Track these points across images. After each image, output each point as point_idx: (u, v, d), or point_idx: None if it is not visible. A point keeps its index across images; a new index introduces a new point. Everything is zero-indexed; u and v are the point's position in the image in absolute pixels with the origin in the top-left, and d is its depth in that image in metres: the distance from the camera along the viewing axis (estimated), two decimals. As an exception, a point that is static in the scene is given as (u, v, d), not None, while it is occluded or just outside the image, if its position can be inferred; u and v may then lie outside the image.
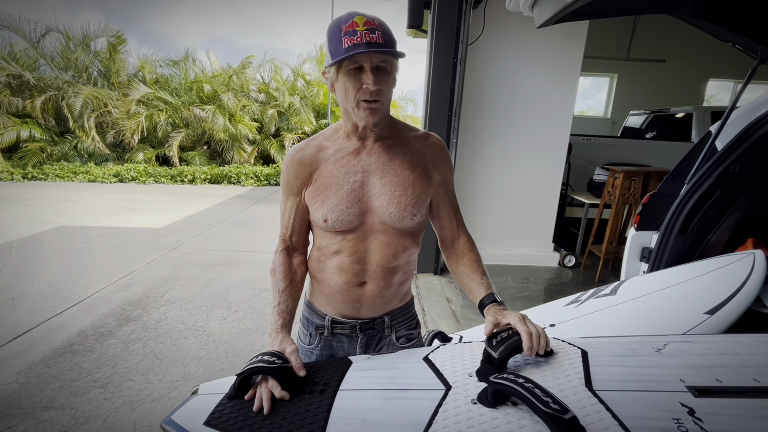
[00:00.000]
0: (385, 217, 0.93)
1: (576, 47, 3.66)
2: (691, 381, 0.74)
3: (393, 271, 0.98)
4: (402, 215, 0.93)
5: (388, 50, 0.81)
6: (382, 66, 0.84)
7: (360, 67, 0.83)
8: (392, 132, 0.97)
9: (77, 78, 10.31)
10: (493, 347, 0.82)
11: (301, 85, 12.15)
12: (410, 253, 0.99)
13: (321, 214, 0.93)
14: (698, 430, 0.63)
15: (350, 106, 0.87)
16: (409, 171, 0.94)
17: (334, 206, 0.92)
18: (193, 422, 0.77)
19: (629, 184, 3.47)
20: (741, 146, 1.44)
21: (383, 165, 0.94)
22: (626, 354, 0.86)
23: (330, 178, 0.93)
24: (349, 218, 0.92)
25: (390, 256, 0.95)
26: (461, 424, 0.70)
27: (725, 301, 1.23)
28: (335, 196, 0.92)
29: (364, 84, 0.83)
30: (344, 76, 0.84)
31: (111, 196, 7.59)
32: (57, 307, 2.94)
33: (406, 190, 0.93)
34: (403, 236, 0.96)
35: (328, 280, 0.99)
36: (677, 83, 7.52)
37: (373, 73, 0.82)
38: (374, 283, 0.97)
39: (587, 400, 0.72)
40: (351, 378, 0.86)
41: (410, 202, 0.93)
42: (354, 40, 0.79)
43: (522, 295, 3.37)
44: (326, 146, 0.96)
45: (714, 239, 1.54)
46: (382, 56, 0.83)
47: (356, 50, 0.79)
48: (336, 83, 0.87)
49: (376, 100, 0.85)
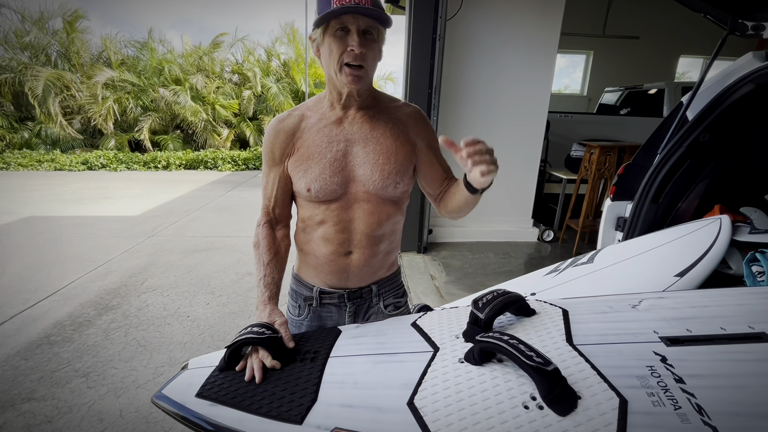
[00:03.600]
0: (368, 185, 0.93)
1: (553, 22, 3.67)
2: (664, 332, 0.78)
3: (378, 240, 0.99)
4: (385, 183, 0.93)
5: (375, 11, 0.80)
6: (369, 31, 0.83)
7: (346, 29, 0.82)
8: (374, 102, 0.97)
9: (34, 59, 9.67)
10: (479, 309, 0.84)
11: (276, 65, 11.77)
12: (395, 221, 1.00)
13: (304, 184, 0.93)
14: (669, 375, 0.67)
15: (333, 70, 0.86)
16: (391, 140, 0.94)
17: (317, 175, 0.91)
18: (185, 395, 0.77)
19: (605, 159, 3.57)
20: (710, 116, 1.49)
21: (366, 134, 0.93)
22: (604, 311, 0.90)
23: (313, 147, 0.92)
24: (332, 187, 0.92)
25: (375, 224, 0.96)
26: (449, 381, 0.73)
27: (694, 263, 1.30)
28: (318, 166, 0.91)
29: (349, 46, 0.82)
30: (330, 37, 0.83)
31: (80, 184, 7.27)
32: (30, 299, 2.84)
33: (389, 158, 0.93)
34: (386, 204, 0.97)
35: (314, 251, 0.99)
36: (650, 60, 7.69)
37: (359, 35, 0.82)
38: (360, 252, 0.98)
39: (568, 354, 0.75)
40: (341, 345, 0.87)
41: (393, 170, 0.93)
42: (342, 0, 0.78)
43: (503, 270, 3.46)
44: (308, 116, 0.96)
45: (684, 206, 1.61)
46: (369, 21, 0.82)
47: (344, 8, 0.78)
48: (321, 46, 0.86)
49: (360, 66, 0.84)
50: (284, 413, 0.70)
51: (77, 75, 9.73)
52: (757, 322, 0.76)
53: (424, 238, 3.81)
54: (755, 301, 0.85)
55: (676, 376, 0.67)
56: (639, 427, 0.59)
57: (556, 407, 0.63)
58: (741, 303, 0.84)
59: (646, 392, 0.65)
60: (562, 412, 0.63)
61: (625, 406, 0.62)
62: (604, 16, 7.22)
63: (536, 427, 0.62)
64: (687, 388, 0.65)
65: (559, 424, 0.61)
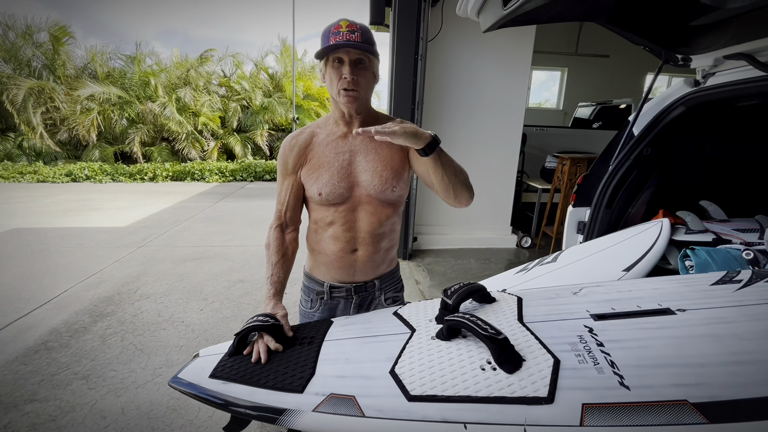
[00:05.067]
0: (370, 189, 1.09)
1: (526, 44, 3.95)
2: (594, 311, 0.97)
3: (380, 238, 1.15)
4: (384, 187, 1.09)
5: (363, 46, 0.99)
6: (361, 60, 1.02)
7: (341, 60, 1.00)
8: (374, 119, 1.14)
9: (18, 71, 9.61)
10: (448, 296, 1.02)
11: (264, 78, 11.95)
12: (393, 221, 1.17)
13: (316, 189, 1.09)
14: (593, 341, 0.86)
15: (334, 93, 1.04)
16: (387, 150, 1.11)
17: (327, 181, 1.08)
18: (200, 377, 0.90)
19: (575, 169, 3.83)
20: (651, 133, 1.73)
21: (366, 145, 1.10)
22: (551, 297, 1.09)
23: (323, 158, 1.09)
24: (339, 191, 1.08)
25: (376, 223, 1.13)
26: (423, 353, 0.90)
27: (638, 260, 1.51)
28: (327, 173, 1.08)
29: (343, 74, 1.01)
30: (330, 68, 1.03)
31: (64, 196, 7.24)
32: (23, 308, 2.89)
33: (387, 165, 1.10)
34: (385, 206, 1.13)
35: (324, 249, 1.15)
36: (620, 77, 8.14)
37: (351, 66, 1.01)
38: (364, 248, 1.14)
39: (518, 329, 0.94)
40: (333, 332, 1.04)
41: (390, 176, 1.10)
42: (337, 38, 0.98)
43: (484, 274, 3.65)
44: (318, 132, 1.13)
45: (634, 211, 1.84)
46: (359, 52, 1.01)
47: (336, 45, 0.97)
48: (325, 74, 1.04)
49: (354, 90, 1.02)
50: (288, 385, 0.85)
51: (61, 86, 9.70)
52: (665, 301, 0.96)
53: (410, 246, 3.99)
54: (666, 286, 1.05)
55: (598, 341, 0.86)
56: (567, 379, 0.77)
57: (505, 367, 0.81)
58: (656, 287, 1.04)
59: (574, 354, 0.83)
60: (510, 371, 0.80)
61: (558, 364, 0.80)
62: (576, 36, 7.67)
63: (490, 383, 0.79)
64: (605, 350, 0.83)
65: (507, 379, 0.79)
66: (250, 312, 2.91)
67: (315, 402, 0.80)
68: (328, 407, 0.79)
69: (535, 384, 0.76)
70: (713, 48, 1.49)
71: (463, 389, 0.77)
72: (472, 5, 1.57)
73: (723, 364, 0.75)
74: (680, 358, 0.78)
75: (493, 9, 1.49)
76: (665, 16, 1.52)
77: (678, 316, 0.91)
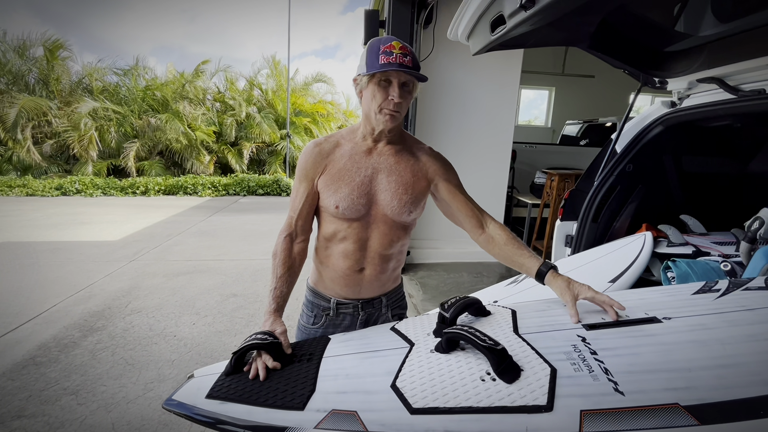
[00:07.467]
0: (387, 209, 1.09)
1: (515, 64, 4.11)
2: (586, 321, 1.01)
3: (388, 258, 1.15)
4: (401, 210, 1.09)
5: (416, 73, 1.00)
6: (407, 84, 1.02)
7: (389, 81, 1.00)
8: (401, 140, 1.14)
9: (11, 86, 9.57)
10: (445, 309, 1.05)
11: (258, 95, 12.08)
12: (403, 243, 1.17)
13: (333, 201, 1.07)
14: (587, 350, 0.90)
15: (373, 110, 1.03)
16: (410, 174, 1.11)
17: (346, 195, 1.06)
18: (195, 398, 0.87)
19: (563, 185, 3.93)
20: (632, 150, 1.82)
21: (390, 166, 1.10)
22: (544, 309, 1.13)
23: (344, 171, 1.08)
24: (357, 207, 1.07)
25: (387, 244, 1.12)
26: (423, 366, 0.92)
27: (623, 271, 1.56)
28: (347, 187, 1.07)
29: (391, 95, 1.00)
30: (375, 85, 1.01)
31: (54, 210, 7.14)
32: (11, 323, 2.84)
33: (407, 189, 1.09)
34: (398, 228, 1.13)
35: (333, 265, 1.13)
36: (605, 96, 8.42)
37: (399, 88, 1.00)
38: (372, 268, 1.13)
39: (514, 340, 0.97)
40: (332, 348, 1.02)
41: (409, 200, 1.09)
42: (390, 59, 0.97)
43: (476, 288, 3.66)
44: (342, 143, 1.12)
45: (618, 225, 1.91)
46: (408, 76, 1.01)
47: (390, 67, 0.97)
48: (365, 90, 1.03)
49: (397, 111, 1.03)
50: (288, 402, 0.83)
51: (54, 102, 9.67)
52: (651, 310, 1.01)
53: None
54: (651, 296, 1.10)
55: (592, 350, 0.90)
56: (564, 386, 0.80)
57: (505, 377, 0.83)
58: (642, 297, 1.10)
59: (569, 362, 0.87)
60: (510, 381, 0.82)
61: (555, 373, 0.83)
62: (563, 57, 7.95)
63: (490, 393, 0.82)
64: (598, 358, 0.87)
65: (507, 389, 0.81)
66: (243, 326, 2.89)
67: (317, 419, 0.79)
68: (331, 423, 0.78)
69: (534, 393, 0.78)
70: (687, 72, 1.59)
71: (464, 400, 0.78)
72: (462, 30, 1.65)
73: (709, 368, 0.79)
74: (669, 363, 0.82)
75: (481, 34, 1.58)
76: (642, 43, 1.62)
77: (664, 324, 0.95)
